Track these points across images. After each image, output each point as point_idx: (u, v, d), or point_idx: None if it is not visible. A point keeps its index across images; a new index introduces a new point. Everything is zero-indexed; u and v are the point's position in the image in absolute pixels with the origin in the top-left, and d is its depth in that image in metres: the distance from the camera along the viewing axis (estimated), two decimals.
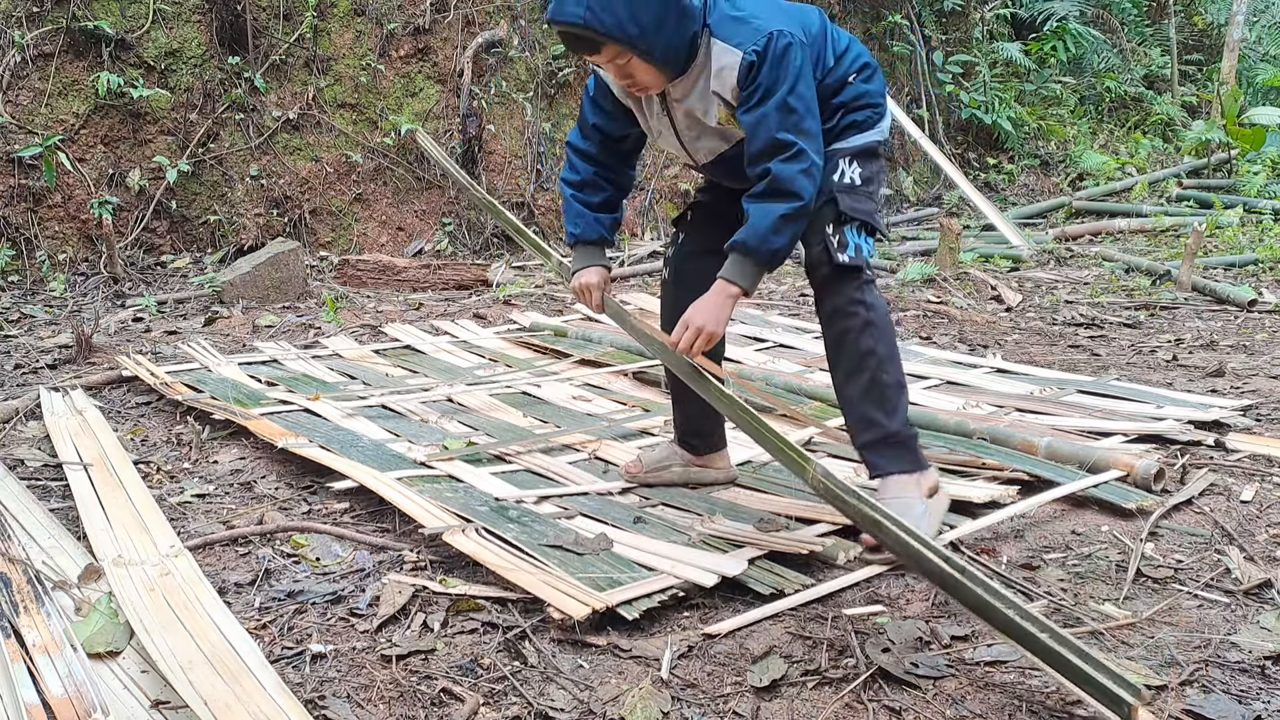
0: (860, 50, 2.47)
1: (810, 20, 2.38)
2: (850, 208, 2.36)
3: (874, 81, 2.45)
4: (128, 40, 6.40)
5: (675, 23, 2.19)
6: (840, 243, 2.35)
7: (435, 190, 7.12)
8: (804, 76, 2.24)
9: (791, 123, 2.21)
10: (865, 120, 2.42)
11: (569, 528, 2.45)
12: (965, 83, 9.87)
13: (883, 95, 2.47)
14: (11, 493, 2.69)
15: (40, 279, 5.87)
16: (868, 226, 2.38)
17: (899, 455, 2.41)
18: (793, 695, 1.82)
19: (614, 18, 2.12)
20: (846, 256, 2.35)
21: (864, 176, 2.40)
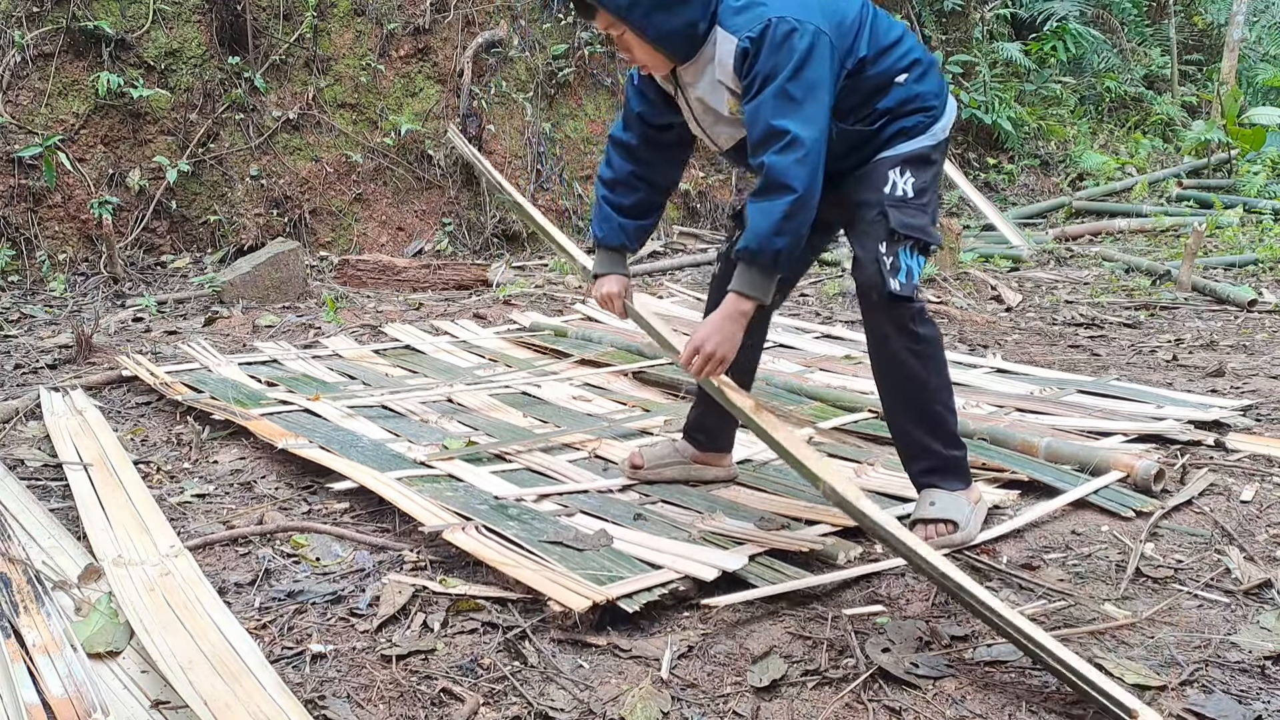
0: (912, 44, 2.31)
1: (839, 8, 2.23)
2: (902, 224, 2.23)
3: (927, 81, 2.30)
4: (128, 40, 6.40)
5: (668, 7, 2.14)
6: (893, 266, 2.24)
7: (435, 190, 7.12)
8: (812, 63, 2.11)
9: (788, 110, 2.11)
10: (915, 126, 2.28)
11: (569, 524, 2.45)
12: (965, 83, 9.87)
13: (938, 96, 2.32)
14: (11, 493, 2.69)
15: (40, 279, 5.87)
16: (920, 244, 2.26)
17: (950, 477, 2.40)
18: (793, 695, 1.82)
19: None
20: (898, 283, 2.24)
21: (917, 187, 2.26)
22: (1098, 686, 1.67)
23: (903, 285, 2.25)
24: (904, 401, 2.36)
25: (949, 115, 2.35)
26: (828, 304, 5.49)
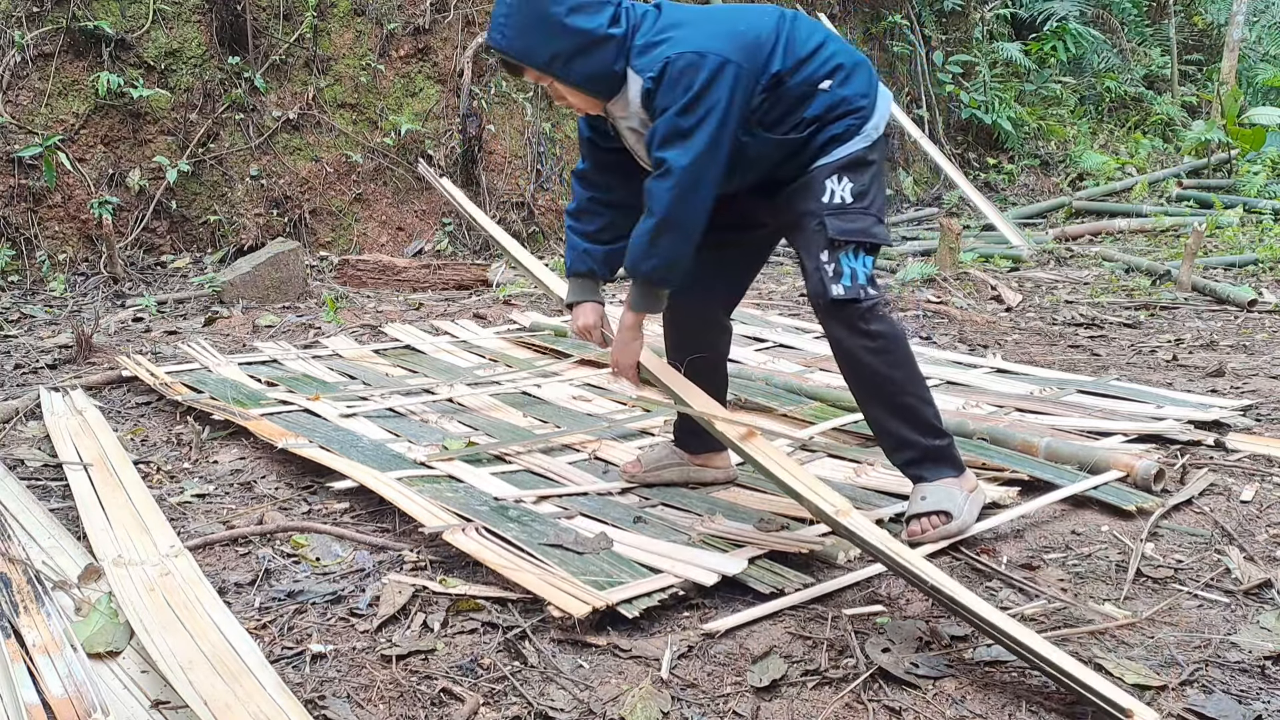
0: (835, 51, 2.37)
1: (751, 27, 2.30)
2: (841, 231, 2.30)
3: (852, 84, 2.35)
4: (128, 40, 6.40)
5: (584, 54, 2.27)
6: (835, 271, 2.31)
7: (435, 190, 7.12)
8: (708, 93, 2.20)
9: (671, 140, 2.22)
10: (846, 131, 2.34)
11: (569, 527, 2.45)
12: (965, 83, 9.87)
13: (866, 96, 2.36)
14: (11, 493, 2.69)
15: (40, 279, 5.87)
16: (864, 245, 2.32)
17: (938, 466, 2.42)
18: (793, 695, 1.82)
19: (524, 45, 2.28)
20: (841, 288, 2.31)
21: (855, 191, 2.32)
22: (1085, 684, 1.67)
23: (847, 289, 2.31)
24: (872, 398, 2.41)
25: (881, 113, 2.39)
26: None
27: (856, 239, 2.31)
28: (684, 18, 2.33)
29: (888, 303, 2.36)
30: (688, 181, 2.22)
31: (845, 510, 2.10)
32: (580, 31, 2.26)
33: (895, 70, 9.56)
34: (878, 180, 2.39)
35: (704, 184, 2.25)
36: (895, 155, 9.39)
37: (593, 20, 2.27)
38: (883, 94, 2.42)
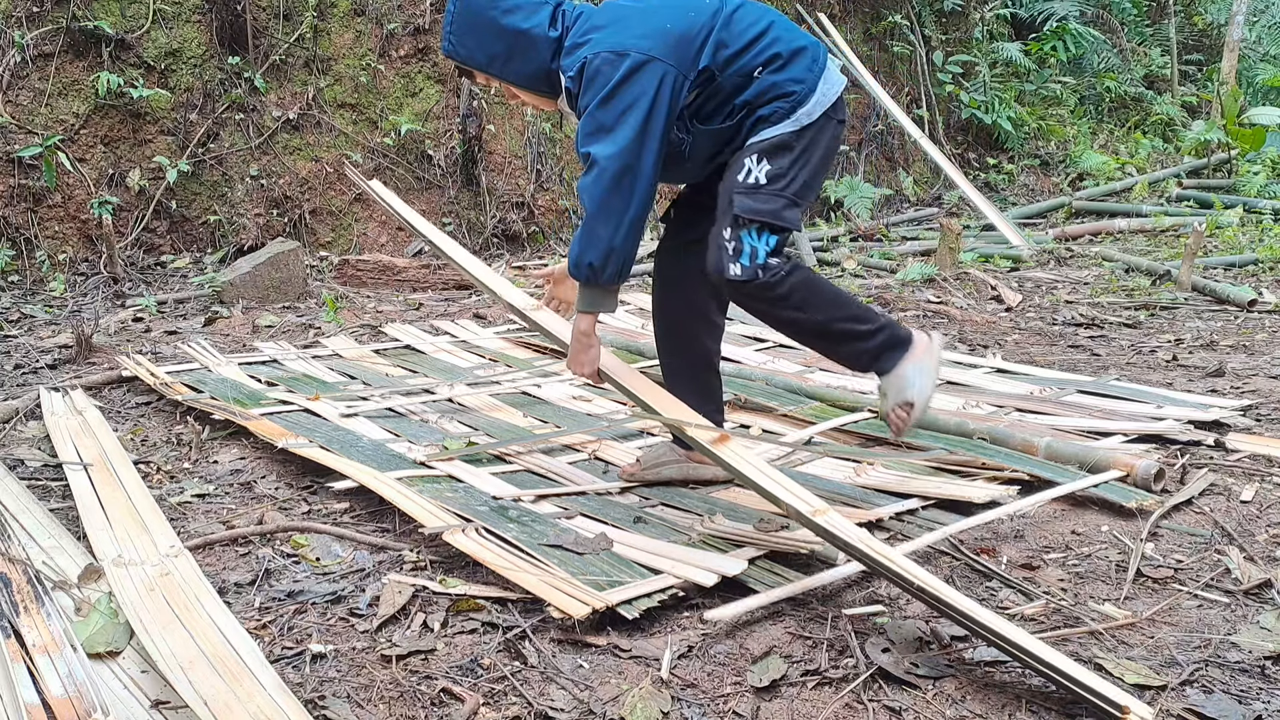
0: (775, 38, 2.39)
1: (678, 24, 2.34)
2: (746, 208, 2.36)
3: (787, 70, 2.38)
4: (128, 40, 6.39)
5: (521, 54, 2.41)
6: (735, 249, 2.37)
7: (435, 190, 7.12)
8: (626, 88, 2.27)
9: (594, 136, 2.30)
10: (773, 113, 2.38)
11: (569, 527, 2.45)
12: (965, 83, 9.87)
13: (801, 82, 2.38)
14: (11, 493, 2.69)
15: (40, 279, 5.87)
16: (768, 226, 2.37)
17: (890, 355, 2.49)
18: (793, 695, 1.82)
19: (466, 49, 2.44)
20: (739, 267, 2.37)
21: (771, 174, 2.37)
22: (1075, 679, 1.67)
23: (744, 268, 2.37)
24: (810, 340, 2.55)
25: (818, 98, 2.40)
26: None
27: (761, 219, 2.36)
28: (612, 17, 2.39)
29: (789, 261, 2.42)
30: (612, 174, 2.28)
31: (822, 510, 2.10)
32: (515, 32, 2.39)
33: (895, 70, 9.55)
34: (803, 165, 2.41)
35: (634, 177, 2.30)
36: (895, 155, 9.38)
37: (528, 21, 2.39)
38: (829, 80, 2.44)
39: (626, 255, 2.36)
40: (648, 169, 2.31)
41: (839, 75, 2.48)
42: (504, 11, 2.40)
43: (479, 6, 2.41)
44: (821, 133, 2.42)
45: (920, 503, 2.60)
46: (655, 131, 2.30)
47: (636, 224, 2.34)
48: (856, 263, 6.65)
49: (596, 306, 2.45)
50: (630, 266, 2.41)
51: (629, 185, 2.30)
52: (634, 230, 2.34)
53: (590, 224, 2.33)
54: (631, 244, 2.36)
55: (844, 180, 8.38)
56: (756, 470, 2.27)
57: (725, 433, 2.36)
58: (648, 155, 2.30)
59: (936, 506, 2.60)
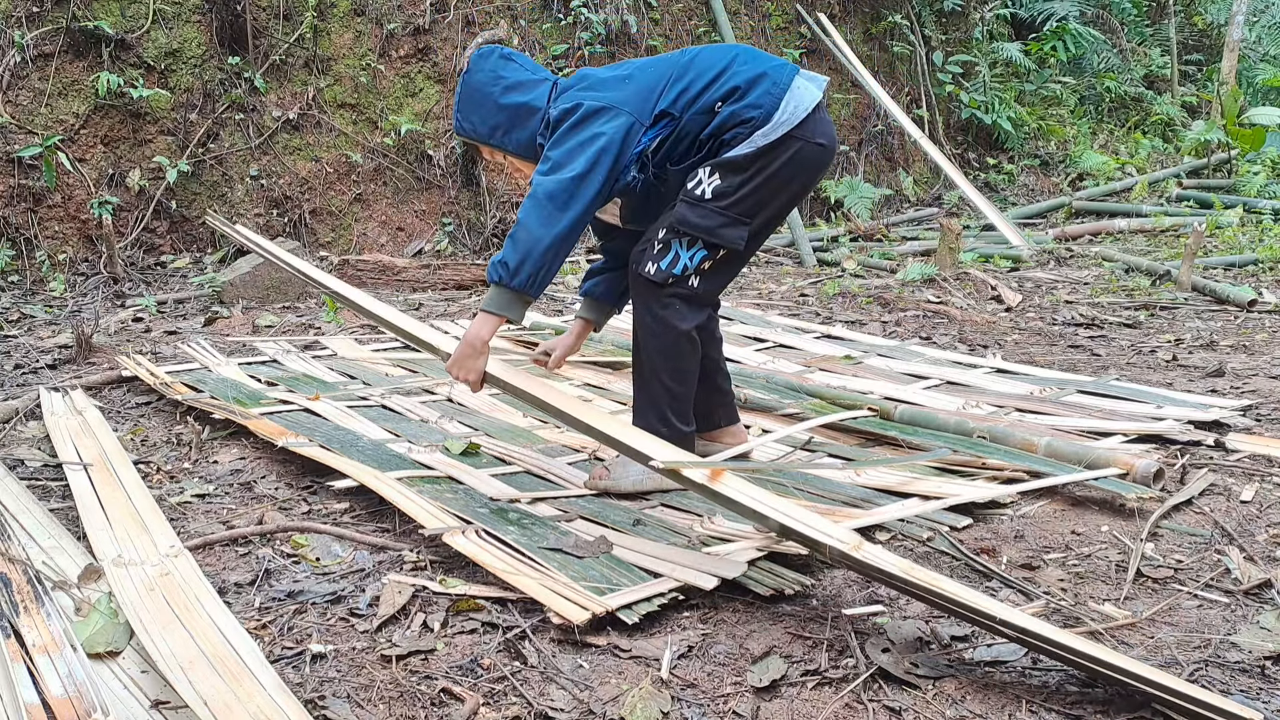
0: (734, 72, 2.50)
1: (637, 78, 2.51)
2: (681, 219, 2.49)
3: (746, 99, 2.48)
4: (128, 40, 6.39)
5: (519, 124, 2.60)
6: (660, 252, 2.53)
7: (435, 190, 7.12)
8: (580, 131, 2.44)
9: (544, 166, 2.46)
10: (734, 138, 2.49)
11: (569, 530, 2.45)
12: (965, 83, 9.87)
13: (759, 107, 2.47)
14: (11, 493, 2.69)
15: (40, 279, 5.87)
16: (701, 241, 2.49)
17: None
18: (793, 695, 1.82)
19: (469, 123, 2.65)
20: (654, 267, 2.53)
21: (718, 190, 2.47)
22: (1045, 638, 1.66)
23: (658, 271, 2.53)
24: (636, 368, 2.67)
25: (778, 120, 2.48)
26: (827, 304, 5.49)
27: (693, 233, 2.49)
28: (581, 82, 2.58)
29: (694, 298, 2.55)
30: (546, 192, 2.41)
31: (856, 544, 2.06)
32: (513, 107, 2.60)
33: (895, 70, 9.55)
34: (755, 185, 2.49)
35: (567, 201, 2.41)
36: (895, 155, 9.38)
37: (525, 96, 2.60)
38: (794, 100, 2.50)
39: (542, 266, 2.43)
40: (585, 199, 2.42)
41: (811, 94, 2.53)
42: (503, 90, 2.61)
43: (481, 84, 2.62)
44: (781, 152, 2.49)
45: (920, 503, 2.60)
46: (599, 173, 2.43)
47: (560, 241, 2.42)
48: (856, 263, 6.65)
49: (503, 310, 2.49)
50: (544, 282, 2.47)
51: (561, 205, 2.41)
52: (556, 245, 2.42)
53: (516, 231, 2.44)
54: (550, 257, 2.43)
55: (844, 180, 8.39)
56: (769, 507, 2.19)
57: (719, 467, 2.29)
58: (588, 189, 2.42)
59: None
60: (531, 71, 2.66)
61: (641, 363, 2.65)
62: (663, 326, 2.56)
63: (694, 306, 2.58)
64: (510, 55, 2.68)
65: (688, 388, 2.65)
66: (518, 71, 2.64)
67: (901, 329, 4.86)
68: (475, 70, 2.66)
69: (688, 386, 2.65)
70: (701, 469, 2.28)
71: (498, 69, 2.63)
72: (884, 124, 9.14)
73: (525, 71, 2.65)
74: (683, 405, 2.65)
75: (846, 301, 5.53)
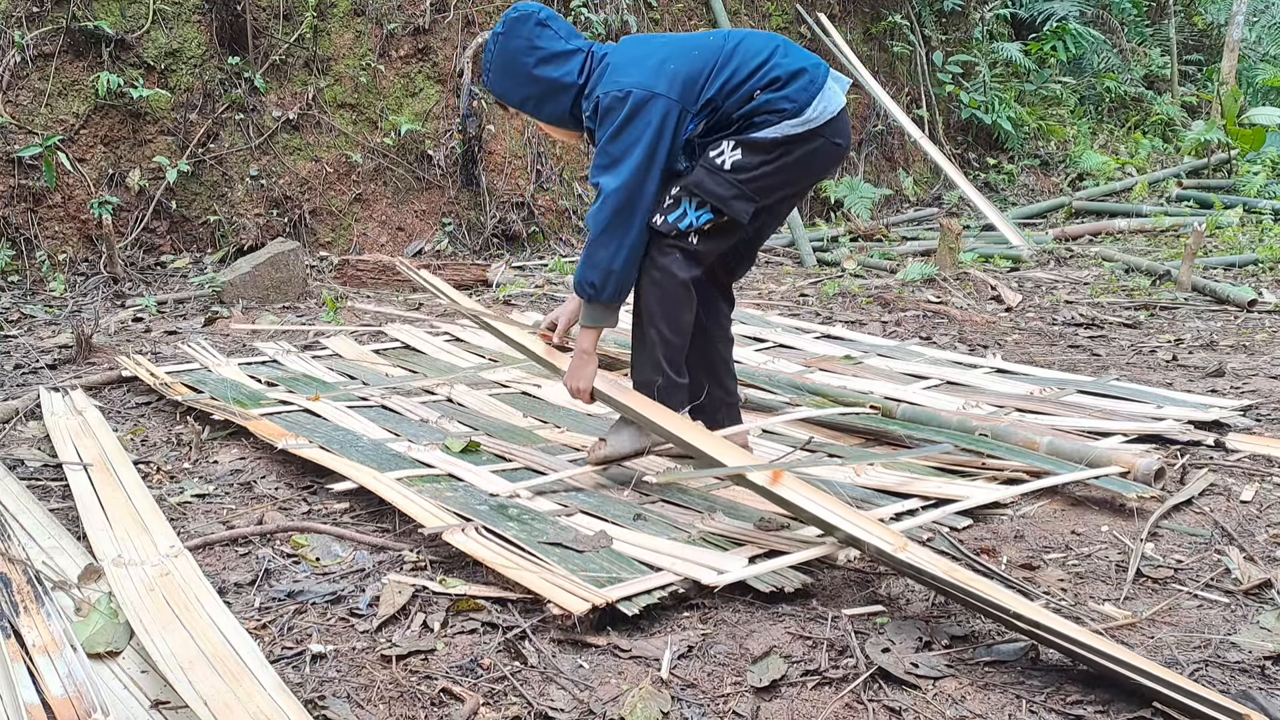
0: (776, 64, 2.55)
1: (683, 64, 2.54)
2: (697, 183, 2.56)
3: (784, 90, 2.54)
4: (128, 40, 6.39)
5: (551, 98, 2.67)
6: (670, 206, 2.59)
7: (435, 190, 7.12)
8: (632, 124, 2.50)
9: (603, 167, 2.54)
10: (764, 121, 2.55)
11: (569, 525, 2.45)
12: (965, 83, 9.87)
13: (794, 101, 2.53)
14: (11, 493, 2.69)
15: (40, 279, 5.87)
16: (709, 204, 2.56)
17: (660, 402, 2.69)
18: (793, 695, 1.82)
19: (500, 87, 2.71)
20: (662, 218, 2.59)
21: (737, 164, 2.54)
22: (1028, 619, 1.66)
23: (665, 223, 2.59)
24: (635, 320, 2.72)
25: (809, 115, 2.55)
26: (827, 304, 5.49)
27: (704, 195, 2.55)
28: (625, 59, 2.60)
29: (692, 254, 2.63)
30: (616, 203, 2.52)
31: (902, 545, 2.09)
32: (546, 80, 2.64)
33: (895, 70, 9.55)
34: (773, 169, 2.57)
35: (635, 204, 2.53)
36: (895, 155, 9.38)
37: (558, 70, 2.63)
38: (825, 99, 2.58)
39: (624, 276, 2.59)
40: (649, 195, 2.55)
41: (839, 97, 2.62)
42: (537, 62, 2.63)
43: (515, 52, 2.64)
44: (803, 145, 2.57)
45: (921, 502, 2.60)
46: (658, 162, 2.53)
47: (635, 248, 2.57)
48: (856, 263, 6.65)
49: (598, 322, 2.68)
50: (629, 286, 2.62)
51: (629, 212, 2.53)
52: (632, 254, 2.57)
53: (592, 247, 2.57)
54: (630, 266, 2.58)
55: (844, 180, 8.38)
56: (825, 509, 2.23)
57: (779, 469, 2.37)
58: (650, 184, 2.54)
59: (937, 506, 2.60)
60: (566, 39, 2.66)
61: (640, 312, 2.70)
62: (663, 274, 2.62)
63: (690, 261, 2.63)
64: (547, 20, 2.66)
65: (682, 338, 2.70)
66: (552, 40, 2.64)
67: (901, 329, 4.86)
68: (510, 35, 2.64)
69: (682, 337, 2.70)
70: (764, 473, 2.36)
71: (533, 37, 2.63)
72: (884, 124, 9.14)
73: (560, 40, 2.65)
74: (676, 354, 2.71)
75: (846, 301, 5.53)
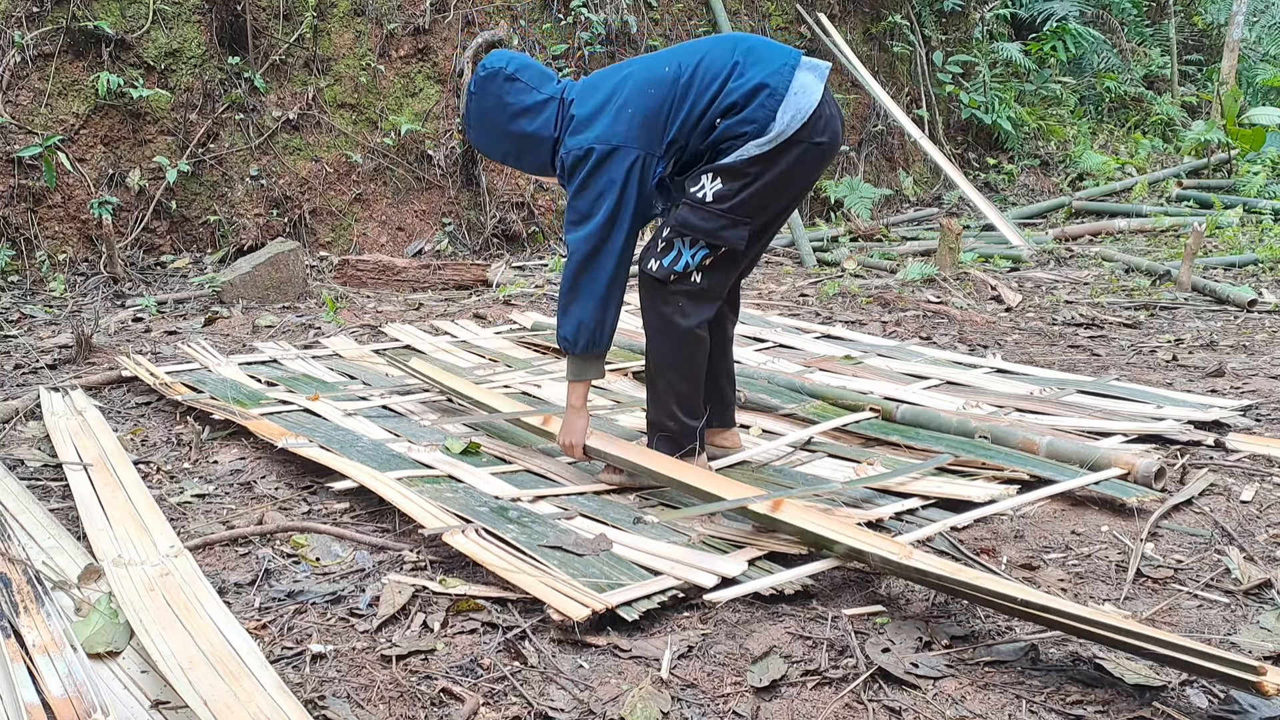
0: (732, 88, 2.52)
1: (640, 107, 2.54)
2: (681, 220, 2.57)
3: (743, 113, 2.51)
4: (128, 40, 6.39)
5: (529, 152, 2.70)
6: (663, 250, 2.60)
7: (435, 190, 7.12)
8: (597, 178, 2.53)
9: (572, 223, 2.58)
10: (729, 147, 2.53)
11: (569, 528, 2.45)
12: (965, 83, 9.87)
13: (753, 122, 2.50)
14: (11, 493, 2.69)
15: (40, 279, 5.87)
16: (703, 242, 2.56)
17: (659, 442, 2.75)
18: (793, 695, 1.82)
19: (480, 142, 2.77)
20: (657, 264, 2.60)
21: (718, 194, 2.53)
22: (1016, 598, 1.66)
23: (661, 268, 2.60)
24: (647, 362, 2.76)
25: (777, 130, 2.51)
26: (827, 304, 5.49)
27: (694, 233, 2.56)
28: (586, 111, 2.60)
29: (699, 294, 2.63)
30: (582, 257, 2.55)
31: (908, 553, 2.10)
32: (521, 135, 2.67)
33: (895, 70, 9.55)
34: (754, 189, 2.54)
35: (602, 257, 2.55)
36: (895, 155, 9.38)
37: (532, 124, 2.66)
38: (791, 108, 2.50)
39: (596, 329, 2.60)
40: (618, 246, 2.56)
41: (812, 93, 2.53)
42: (511, 117, 2.66)
43: (489, 110, 2.67)
44: (782, 156, 2.53)
45: (921, 503, 2.60)
46: (626, 212, 2.55)
47: (605, 299, 2.58)
48: (856, 263, 6.65)
49: (581, 375, 2.70)
50: (606, 337, 2.63)
51: (596, 265, 2.55)
52: (603, 305, 2.58)
53: (563, 301, 2.61)
54: (601, 316, 2.59)
55: (844, 180, 8.38)
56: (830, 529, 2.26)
57: (779, 498, 2.39)
58: (618, 234, 2.55)
59: (937, 506, 2.60)
60: (538, 88, 2.66)
61: (650, 360, 2.73)
62: (667, 324, 2.63)
63: (699, 302, 2.63)
64: (515, 74, 2.66)
65: (694, 384, 2.71)
66: (522, 94, 2.65)
67: (901, 329, 4.86)
68: (482, 95, 2.68)
69: (694, 383, 2.71)
70: (765, 502, 2.37)
71: (503, 94, 2.65)
72: (884, 124, 9.14)
73: (531, 92, 2.65)
74: (689, 401, 2.72)
75: (846, 301, 5.53)
